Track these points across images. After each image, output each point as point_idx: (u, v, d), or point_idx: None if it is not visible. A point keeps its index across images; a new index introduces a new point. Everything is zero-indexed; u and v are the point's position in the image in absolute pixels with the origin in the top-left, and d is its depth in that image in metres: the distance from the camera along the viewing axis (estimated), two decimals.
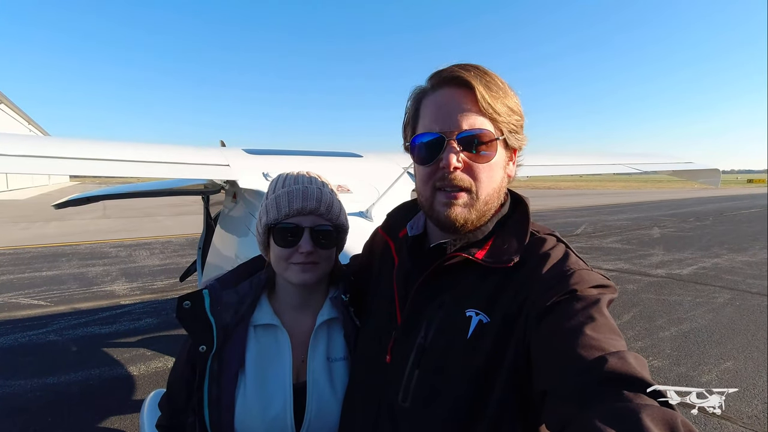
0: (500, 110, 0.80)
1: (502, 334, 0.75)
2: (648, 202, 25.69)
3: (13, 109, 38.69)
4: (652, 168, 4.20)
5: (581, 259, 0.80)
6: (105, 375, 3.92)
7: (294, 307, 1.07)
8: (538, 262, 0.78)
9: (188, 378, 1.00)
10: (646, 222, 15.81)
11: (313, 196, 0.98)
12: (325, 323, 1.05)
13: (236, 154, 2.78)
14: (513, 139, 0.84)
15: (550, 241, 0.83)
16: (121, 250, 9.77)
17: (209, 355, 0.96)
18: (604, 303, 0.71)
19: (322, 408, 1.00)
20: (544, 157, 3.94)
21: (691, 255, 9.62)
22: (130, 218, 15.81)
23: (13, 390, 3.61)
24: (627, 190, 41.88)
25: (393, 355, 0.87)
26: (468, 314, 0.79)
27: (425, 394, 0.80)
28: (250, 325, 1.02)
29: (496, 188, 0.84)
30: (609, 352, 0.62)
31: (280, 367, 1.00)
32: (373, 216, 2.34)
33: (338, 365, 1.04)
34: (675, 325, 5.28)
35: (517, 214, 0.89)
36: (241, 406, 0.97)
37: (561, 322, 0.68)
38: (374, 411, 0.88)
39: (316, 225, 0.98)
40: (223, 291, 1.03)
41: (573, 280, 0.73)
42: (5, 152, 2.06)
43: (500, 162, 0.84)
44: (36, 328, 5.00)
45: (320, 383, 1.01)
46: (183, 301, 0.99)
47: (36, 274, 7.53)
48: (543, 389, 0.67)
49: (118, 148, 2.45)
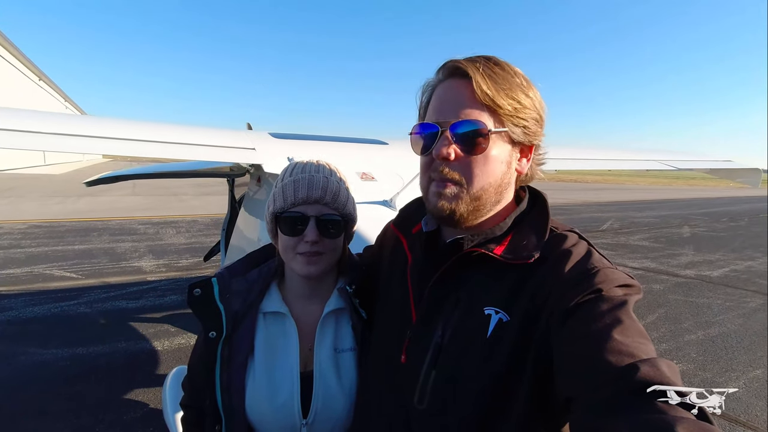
0: (503, 103, 0.76)
1: (522, 334, 0.72)
2: (679, 200, 24.83)
3: (52, 87, 39.98)
4: (688, 166, 4.03)
5: (605, 257, 0.77)
6: (130, 348, 4.06)
7: (302, 296, 1.07)
8: (559, 260, 0.75)
9: (206, 360, 1.02)
10: (676, 220, 15.30)
11: (318, 184, 0.98)
12: (332, 313, 1.05)
13: (262, 137, 2.79)
14: (520, 134, 0.80)
15: (571, 238, 0.80)
16: (149, 228, 10.06)
17: (219, 341, 0.99)
18: (630, 304, 0.68)
19: (329, 397, 1.01)
20: (571, 151, 3.82)
21: (723, 257, 9.28)
22: (159, 197, 16.23)
23: (45, 358, 3.79)
24: (657, 186, 40.56)
25: (408, 355, 0.85)
26: (487, 312, 0.76)
27: (443, 395, 0.78)
28: (259, 312, 1.04)
29: (492, 183, 0.80)
30: (640, 358, 0.59)
31: (288, 356, 1.01)
32: (397, 205, 2.31)
33: (345, 356, 1.04)
34: (702, 329, 5.12)
35: (536, 210, 0.86)
36: (251, 392, 0.99)
37: (587, 325, 0.65)
38: (389, 413, 0.86)
39: (322, 214, 0.98)
40: (232, 279, 1.04)
41: (598, 279, 0.69)
42: (43, 130, 2.12)
43: (501, 156, 0.80)
44: (68, 299, 5.21)
45: (327, 373, 1.01)
46: (193, 289, 1.01)
47: (69, 247, 7.83)
48: (568, 396, 0.63)
49: (148, 128, 2.49)
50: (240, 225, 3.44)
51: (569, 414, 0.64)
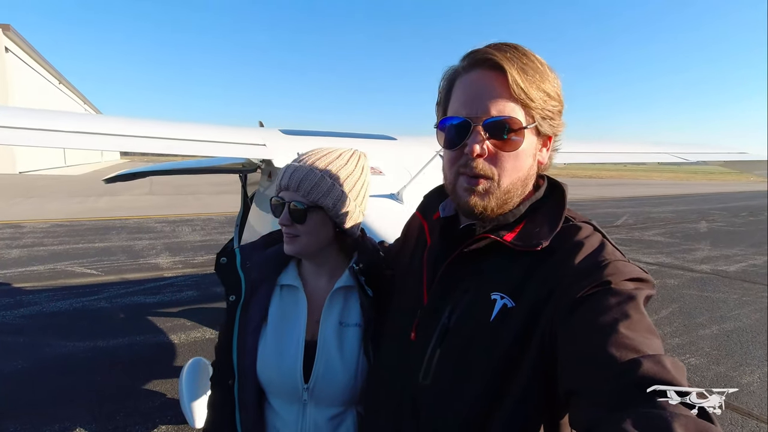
0: (534, 96, 0.76)
1: (526, 321, 0.73)
2: (696, 195, 24.31)
3: (71, 90, 40.90)
4: (701, 158, 3.99)
5: (618, 250, 0.76)
6: (149, 341, 4.19)
7: (314, 273, 1.17)
8: (571, 250, 0.75)
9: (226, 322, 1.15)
10: (692, 215, 15.02)
11: (294, 174, 1.05)
12: (341, 289, 1.13)
13: (273, 134, 2.86)
14: (546, 126, 0.80)
15: (585, 230, 0.79)
16: (166, 226, 10.28)
17: (238, 304, 1.11)
18: (640, 299, 0.67)
19: (329, 366, 1.08)
20: (584, 144, 3.81)
21: (741, 251, 9.10)
22: (175, 195, 16.52)
23: (68, 350, 3.94)
24: (674, 181, 39.75)
25: (417, 333, 0.87)
26: (493, 297, 0.77)
27: (446, 374, 0.80)
28: (276, 284, 1.16)
29: (521, 177, 0.82)
30: (645, 354, 0.58)
31: (296, 325, 1.11)
32: (404, 199, 2.36)
33: (349, 330, 1.11)
34: (717, 324, 5.06)
35: (552, 200, 0.86)
36: (261, 354, 1.11)
37: (593, 317, 0.65)
38: (398, 388, 0.90)
39: (291, 200, 1.05)
40: (253, 252, 1.17)
41: (608, 272, 0.69)
42: (62, 128, 2.22)
43: (529, 150, 0.81)
44: (89, 294, 5.39)
45: (329, 343, 1.09)
46: (220, 257, 1.15)
47: (89, 245, 8.06)
48: (570, 388, 0.64)
49: (164, 126, 2.58)
50: (252, 220, 3.52)
51: (569, 406, 0.65)
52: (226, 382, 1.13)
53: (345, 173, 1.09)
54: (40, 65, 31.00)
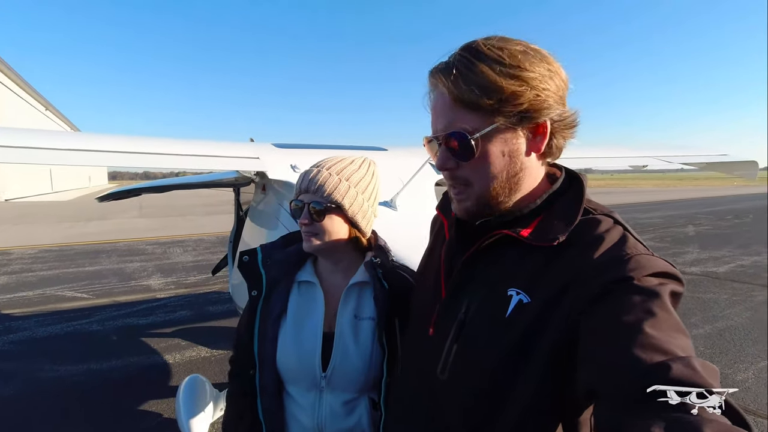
0: (483, 102, 0.73)
1: (542, 316, 0.71)
2: (683, 200, 24.73)
3: (58, 116, 40.75)
4: (684, 160, 4.08)
5: (641, 243, 0.73)
6: (143, 362, 4.13)
7: (330, 270, 1.25)
8: (590, 244, 0.72)
9: (249, 315, 1.23)
10: (680, 220, 15.24)
11: (310, 177, 1.15)
12: (356, 285, 1.20)
13: (265, 147, 2.90)
14: (516, 120, 0.75)
15: (606, 222, 0.76)
16: (157, 248, 10.18)
17: (259, 299, 1.20)
18: (665, 295, 0.64)
19: (345, 356, 1.16)
20: (567, 150, 3.87)
21: (729, 253, 9.24)
22: (165, 217, 16.40)
23: (60, 374, 3.86)
24: (661, 188, 40.39)
25: (436, 328, 0.88)
26: (509, 293, 0.76)
27: (462, 368, 0.80)
28: (295, 281, 1.24)
29: (498, 177, 0.79)
30: (674, 357, 0.56)
31: (314, 317, 1.19)
32: (397, 205, 2.40)
33: (364, 323, 1.18)
34: (710, 323, 5.11)
35: (570, 192, 0.83)
36: (282, 344, 1.18)
37: (616, 316, 0.63)
38: (418, 382, 0.90)
39: (311, 201, 1.14)
40: (273, 250, 1.26)
41: (630, 266, 0.66)
42: (51, 146, 2.22)
43: (499, 150, 0.77)
44: (80, 318, 5.29)
45: (345, 335, 1.17)
46: (243, 256, 1.23)
47: (79, 269, 7.95)
48: (593, 389, 0.62)
49: (153, 142, 2.60)
50: (246, 235, 3.53)
51: (594, 406, 0.64)
52: (247, 372, 1.21)
53: (358, 177, 1.19)
54: (26, 92, 30.92)
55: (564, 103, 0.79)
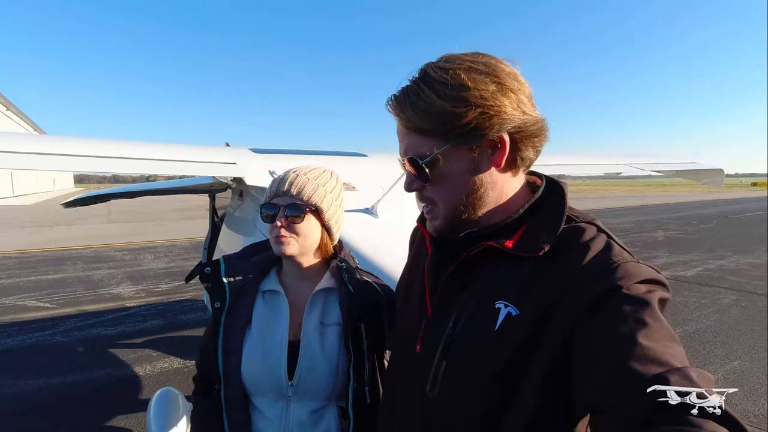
0: (429, 126, 0.75)
1: (533, 329, 0.70)
2: (652, 206, 25.61)
3: (21, 117, 39.09)
4: (654, 168, 4.20)
5: (626, 250, 0.73)
6: (112, 375, 3.94)
7: (295, 277, 1.24)
8: (576, 254, 0.72)
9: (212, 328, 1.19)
10: (649, 225, 15.76)
11: (286, 180, 1.16)
12: (321, 292, 1.21)
13: (243, 153, 2.82)
14: (470, 138, 0.75)
15: (590, 231, 0.76)
16: (126, 254, 9.84)
17: (223, 311, 1.17)
18: (655, 303, 0.64)
19: (312, 363, 1.15)
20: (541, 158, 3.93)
21: (696, 257, 9.59)
22: (136, 223, 15.88)
23: (21, 390, 3.64)
24: (630, 194, 41.76)
25: (423, 345, 0.86)
26: (497, 306, 0.75)
27: (452, 385, 0.78)
28: (259, 291, 1.22)
29: (458, 195, 0.80)
30: (671, 368, 0.56)
31: (279, 327, 1.18)
32: (378, 212, 2.36)
33: (329, 329, 1.18)
34: (680, 326, 5.26)
35: (552, 200, 0.83)
36: (247, 356, 1.15)
37: (609, 328, 0.62)
38: (406, 399, 0.88)
39: (288, 204, 1.14)
40: (236, 261, 1.24)
41: (618, 275, 0.66)
42: (13, 149, 2.10)
43: (457, 170, 0.78)
44: (43, 329, 5.03)
45: (311, 342, 1.16)
46: (204, 268, 1.20)
47: (42, 277, 7.59)
48: (590, 403, 0.62)
49: (124, 146, 2.49)
50: (222, 242, 3.43)
51: (591, 420, 0.64)
52: (212, 387, 1.17)
53: (332, 185, 1.22)
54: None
55: (525, 113, 0.76)
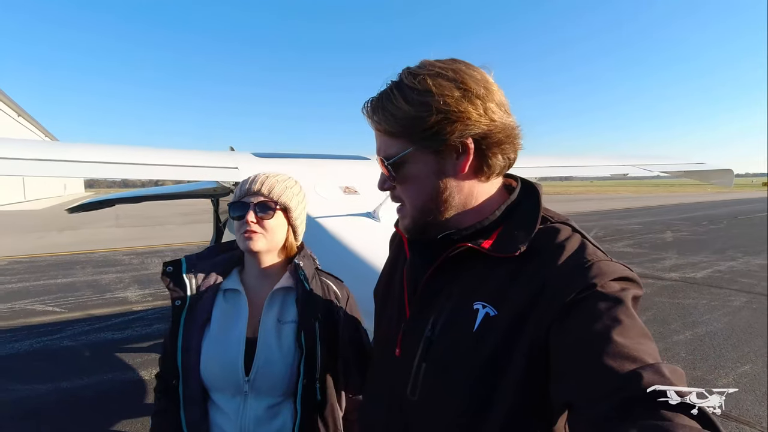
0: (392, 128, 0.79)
1: (511, 329, 0.71)
2: (660, 206, 25.39)
3: (31, 123, 39.61)
4: (663, 169, 4.17)
5: (600, 249, 0.74)
6: (118, 379, 3.96)
7: (256, 276, 1.28)
8: (551, 254, 0.73)
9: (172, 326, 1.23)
10: (658, 226, 15.61)
11: (257, 181, 1.22)
12: (280, 290, 1.25)
13: (245, 157, 2.83)
14: (431, 142, 0.77)
15: (564, 231, 0.78)
16: (134, 258, 9.90)
17: (183, 308, 1.21)
18: (629, 300, 0.65)
19: (269, 359, 1.19)
20: (549, 159, 3.92)
21: (706, 258, 9.47)
22: (142, 227, 16.02)
23: (28, 394, 3.67)
24: (638, 195, 41.40)
25: (402, 348, 0.87)
26: (475, 307, 0.76)
27: (433, 388, 0.79)
28: (220, 289, 1.26)
29: (425, 197, 0.81)
30: (643, 364, 0.58)
31: (239, 324, 1.22)
32: (380, 216, 2.35)
33: (286, 326, 1.23)
34: (690, 329, 5.19)
35: (527, 202, 0.84)
36: (205, 352, 1.19)
37: (584, 326, 0.64)
38: (386, 404, 0.88)
39: (259, 201, 1.20)
40: (199, 261, 1.28)
41: (592, 273, 0.68)
42: (21, 156, 2.12)
43: (421, 172, 0.80)
44: (51, 333, 5.07)
45: (268, 339, 1.21)
46: (167, 266, 1.24)
47: (51, 281, 7.65)
48: (567, 400, 0.63)
49: (131, 152, 2.51)
50: None
51: (568, 416, 0.65)
52: (170, 383, 1.20)
53: (297, 189, 1.29)
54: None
55: (493, 120, 0.76)
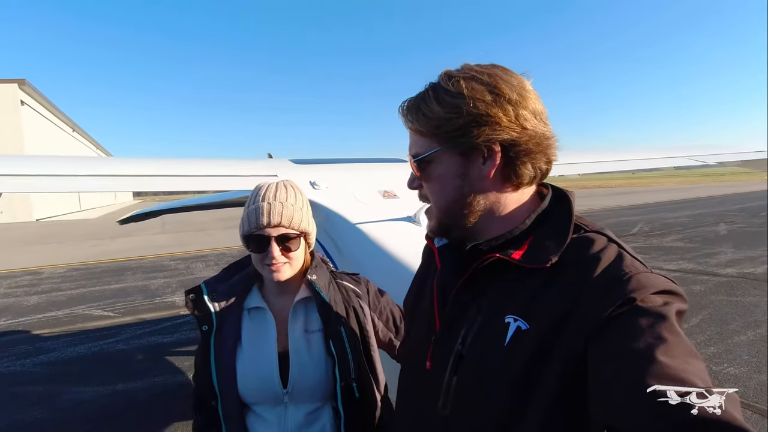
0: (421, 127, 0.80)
1: (543, 344, 0.68)
2: (710, 197, 23.95)
3: (84, 137, 42.15)
4: (718, 159, 3.92)
5: (638, 260, 0.70)
6: (168, 382, 4.13)
7: (276, 292, 1.30)
8: (586, 265, 0.70)
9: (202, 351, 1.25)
10: (709, 218, 14.72)
11: (275, 212, 1.17)
12: (301, 302, 1.28)
13: (283, 164, 2.87)
14: (458, 144, 0.76)
15: (600, 241, 0.74)
16: (180, 263, 10.33)
17: (211, 333, 1.23)
18: (672, 316, 0.61)
19: (303, 369, 1.22)
20: (594, 154, 3.77)
21: (766, 252, 8.83)
22: (186, 233, 16.69)
23: (85, 396, 3.88)
24: (684, 185, 39.27)
25: (432, 362, 0.84)
26: (506, 320, 0.73)
27: (464, 402, 0.77)
28: (244, 309, 1.28)
29: (449, 199, 0.81)
30: (692, 387, 0.54)
31: (268, 340, 1.25)
32: (421, 220, 2.32)
33: (314, 336, 1.26)
34: (752, 329, 4.85)
35: (558, 210, 0.81)
36: (241, 371, 1.22)
37: (625, 344, 0.60)
38: (419, 418, 0.87)
39: (281, 234, 1.18)
40: (218, 284, 1.29)
41: (631, 287, 0.64)
42: (76, 173, 2.24)
43: (447, 173, 0.80)
44: (106, 338, 5.36)
45: (300, 350, 1.24)
46: (189, 294, 1.26)
47: (105, 287, 8.10)
48: (609, 424, 0.59)
49: (175, 164, 2.60)
50: None
51: None
52: (210, 404, 1.23)
53: (301, 202, 1.26)
54: (54, 115, 32.09)
55: (525, 127, 0.75)
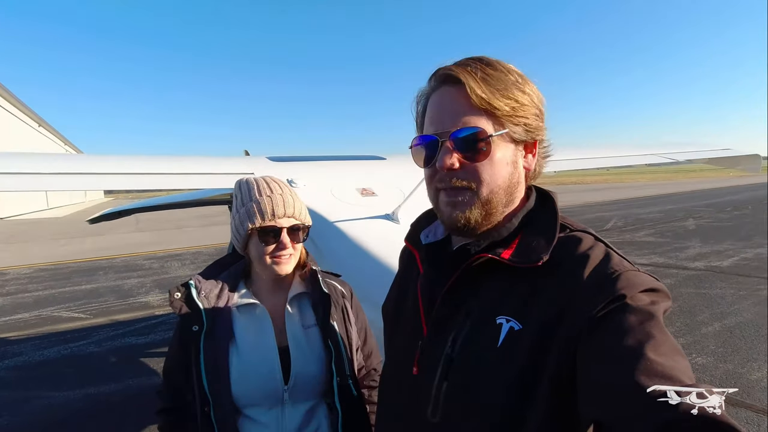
0: (499, 105, 0.74)
1: (537, 343, 0.68)
2: (680, 193, 24.79)
3: (51, 132, 40.60)
4: (687, 157, 4.04)
5: (625, 259, 0.72)
6: (143, 384, 4.02)
7: (269, 287, 1.29)
8: (576, 264, 0.71)
9: (183, 360, 1.20)
10: (679, 213, 15.24)
11: (287, 203, 1.20)
12: (295, 297, 1.28)
13: (260, 162, 2.82)
14: (521, 132, 0.77)
15: (587, 240, 0.75)
16: (154, 262, 10.07)
17: (201, 333, 1.17)
18: (660, 314, 0.63)
19: (304, 364, 1.21)
20: (571, 151, 3.84)
21: (731, 246, 9.20)
22: (162, 231, 16.28)
23: (56, 401, 3.75)
24: (656, 182, 40.50)
25: (420, 367, 0.82)
26: (498, 321, 0.72)
27: (455, 407, 0.75)
28: (233, 306, 1.24)
29: (501, 185, 0.78)
30: (681, 385, 0.55)
31: (265, 336, 1.22)
32: (400, 218, 2.32)
33: (312, 330, 1.26)
34: (718, 320, 5.05)
35: (545, 209, 0.82)
36: (238, 370, 1.17)
37: (615, 341, 0.61)
38: (406, 426, 0.84)
39: (292, 225, 1.20)
40: (206, 281, 1.26)
41: (620, 285, 0.65)
42: (43, 171, 2.15)
43: (505, 158, 0.78)
44: (77, 340, 5.18)
45: (301, 344, 1.23)
46: (174, 293, 1.22)
47: (76, 287, 7.83)
48: (598, 419, 0.60)
49: (148, 162, 2.52)
50: None
51: None
52: (202, 409, 1.18)
53: (295, 193, 1.26)
54: (18, 109, 30.77)
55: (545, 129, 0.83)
